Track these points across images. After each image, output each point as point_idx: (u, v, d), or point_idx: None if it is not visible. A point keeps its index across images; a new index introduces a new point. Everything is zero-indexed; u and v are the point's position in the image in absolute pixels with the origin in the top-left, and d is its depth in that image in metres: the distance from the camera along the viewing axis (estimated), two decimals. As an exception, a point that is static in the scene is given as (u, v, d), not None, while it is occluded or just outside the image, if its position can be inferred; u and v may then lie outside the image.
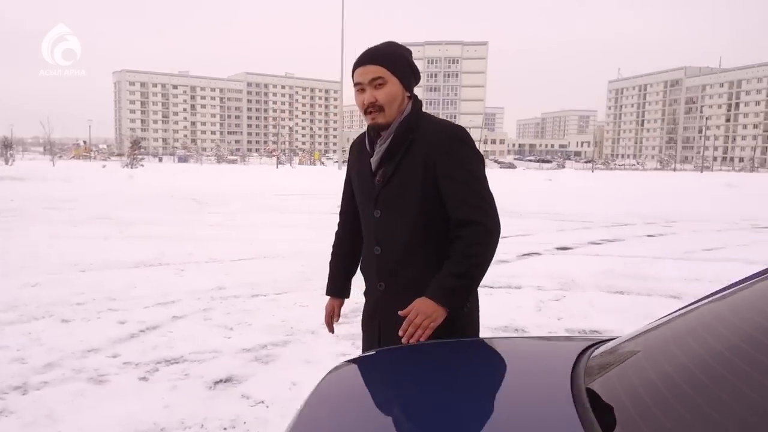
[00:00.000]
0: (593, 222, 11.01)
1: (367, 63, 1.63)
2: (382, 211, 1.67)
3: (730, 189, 23.79)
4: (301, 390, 3.10)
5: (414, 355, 1.30)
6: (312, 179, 26.51)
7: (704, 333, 0.87)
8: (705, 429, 0.66)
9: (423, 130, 1.62)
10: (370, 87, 1.61)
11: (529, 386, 0.91)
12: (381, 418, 0.95)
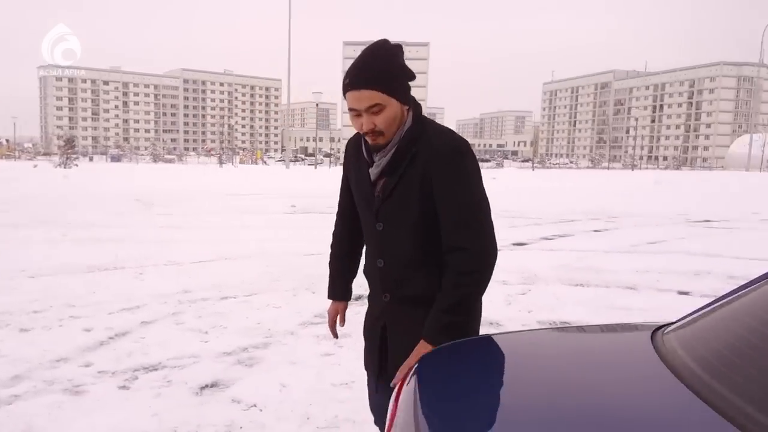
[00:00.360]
0: (542, 218, 11.40)
1: (361, 87, 1.48)
2: (384, 224, 1.61)
3: (659, 186, 25.28)
4: (292, 392, 3.07)
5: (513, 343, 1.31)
6: (259, 179, 26.02)
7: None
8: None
9: (425, 142, 1.52)
10: (368, 113, 1.49)
11: (624, 371, 0.95)
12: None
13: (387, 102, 1.49)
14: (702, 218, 11.91)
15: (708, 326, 1.04)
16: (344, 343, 3.85)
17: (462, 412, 0.85)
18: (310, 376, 3.30)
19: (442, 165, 1.49)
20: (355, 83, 1.48)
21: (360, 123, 1.53)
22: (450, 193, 1.50)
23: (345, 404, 2.94)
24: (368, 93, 1.47)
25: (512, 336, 1.25)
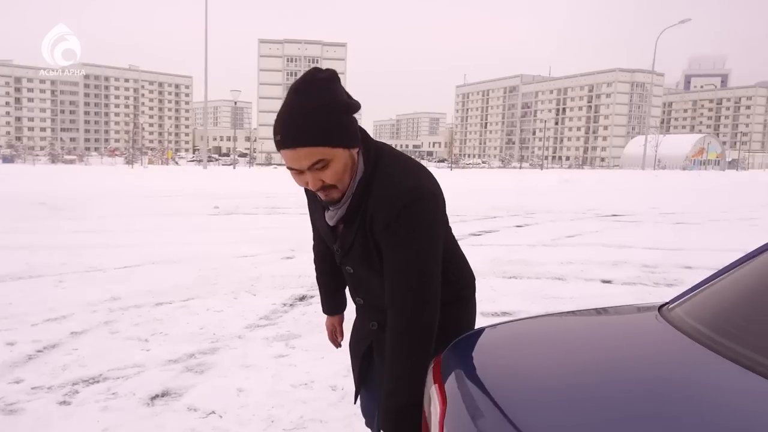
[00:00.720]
0: (467, 215, 11.79)
1: (296, 146, 1.23)
2: (353, 268, 1.48)
3: (567, 184, 26.90)
4: (251, 396, 2.99)
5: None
6: (173, 179, 24.84)
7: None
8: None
9: (374, 193, 1.32)
10: (312, 171, 1.27)
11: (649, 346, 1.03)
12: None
13: (332, 155, 1.25)
14: (610, 213, 12.82)
15: (708, 297, 1.16)
16: (296, 344, 3.81)
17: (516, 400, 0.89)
18: (266, 379, 3.22)
19: (386, 222, 1.29)
20: (289, 142, 1.23)
21: (304, 180, 1.29)
22: (392, 252, 1.31)
23: (308, 404, 2.91)
24: (306, 151, 1.23)
25: (523, 323, 1.30)
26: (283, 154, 1.27)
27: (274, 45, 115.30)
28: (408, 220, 1.27)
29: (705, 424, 0.77)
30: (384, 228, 1.29)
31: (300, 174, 1.29)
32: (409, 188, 1.28)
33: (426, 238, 1.29)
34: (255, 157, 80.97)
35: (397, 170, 1.33)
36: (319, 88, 1.24)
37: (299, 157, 1.24)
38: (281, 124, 1.25)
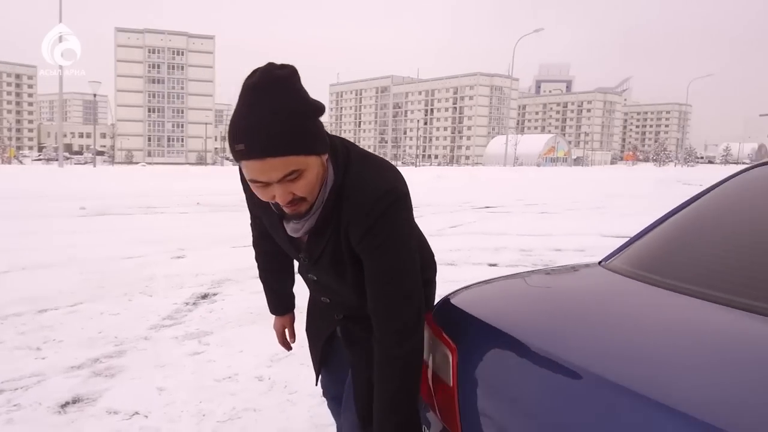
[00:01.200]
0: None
1: (265, 156, 1.08)
2: (318, 276, 1.40)
3: (440, 180, 28.37)
4: (174, 393, 2.91)
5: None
6: (24, 179, 22.15)
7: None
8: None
9: (349, 200, 1.22)
10: (281, 183, 1.12)
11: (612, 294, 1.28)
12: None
13: (305, 164, 1.12)
14: (483, 205, 13.83)
15: (633, 251, 1.44)
16: (210, 341, 3.73)
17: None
18: (187, 376, 3.13)
19: (363, 229, 1.21)
20: (256, 152, 1.07)
21: (270, 194, 1.15)
22: (371, 258, 1.24)
23: (238, 396, 2.89)
24: (278, 161, 1.08)
25: (501, 281, 1.48)
26: (246, 165, 1.10)
27: (134, 35, 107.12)
28: (388, 225, 1.20)
29: (654, 326, 1.02)
30: (364, 234, 1.21)
31: (266, 187, 1.13)
32: (386, 192, 1.20)
33: (407, 239, 1.25)
34: (112, 155, 74.63)
35: (370, 174, 1.24)
36: (286, 88, 1.09)
37: (269, 168, 1.08)
38: (245, 132, 1.07)
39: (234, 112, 1.11)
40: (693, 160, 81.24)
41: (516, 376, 1.03)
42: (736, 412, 0.72)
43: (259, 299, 4.52)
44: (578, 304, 1.27)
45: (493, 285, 1.42)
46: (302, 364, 3.32)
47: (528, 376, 1.00)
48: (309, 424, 2.63)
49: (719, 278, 1.18)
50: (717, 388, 0.78)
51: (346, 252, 1.27)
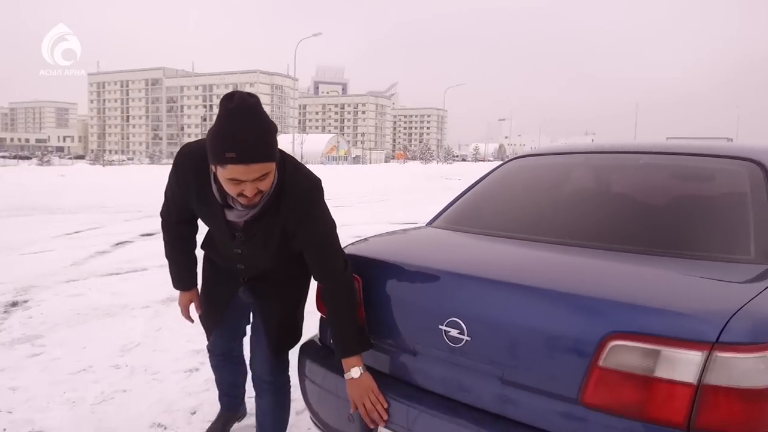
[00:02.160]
0: (142, 211, 11.50)
1: (251, 162, 1.49)
2: (244, 251, 1.80)
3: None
4: (31, 390, 2.93)
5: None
6: None
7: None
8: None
9: (283, 193, 1.67)
10: (252, 181, 1.53)
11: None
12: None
13: (271, 168, 1.57)
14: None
15: (447, 214, 2.24)
16: (45, 342, 3.68)
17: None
18: (37, 375, 3.12)
19: (301, 212, 1.68)
20: (246, 159, 1.48)
21: (239, 189, 1.54)
22: (313, 236, 1.72)
23: (101, 382, 3.03)
24: (258, 166, 1.50)
25: (378, 238, 2.11)
26: (230, 168, 1.48)
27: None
28: (319, 207, 1.72)
29: (461, 247, 1.79)
30: (303, 215, 1.69)
31: (239, 184, 1.52)
32: (313, 185, 1.73)
33: (329, 212, 1.77)
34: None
35: (300, 174, 1.72)
36: (260, 112, 1.51)
37: (251, 171, 1.49)
38: (237, 144, 1.46)
39: (219, 128, 1.49)
40: (451, 159, 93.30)
41: (392, 281, 1.71)
42: (498, 271, 1.51)
43: (81, 301, 4.54)
44: (423, 242, 2.04)
45: (368, 241, 2.06)
46: (155, 350, 3.55)
47: (398, 279, 1.69)
48: (183, 393, 2.94)
49: (497, 225, 2.04)
50: (489, 263, 1.58)
51: (278, 230, 1.73)
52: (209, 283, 2.09)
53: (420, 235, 2.15)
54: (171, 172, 1.81)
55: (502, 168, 2.58)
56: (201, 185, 1.71)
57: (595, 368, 1.25)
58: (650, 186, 2.06)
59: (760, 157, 1.92)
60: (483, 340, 1.43)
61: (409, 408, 1.52)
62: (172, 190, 1.85)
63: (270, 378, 2.03)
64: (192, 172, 1.71)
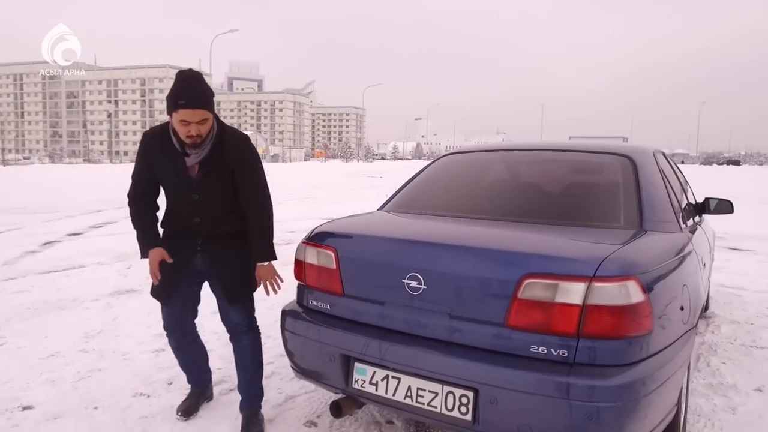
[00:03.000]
0: (63, 212, 11.14)
1: (195, 107, 2.15)
2: (200, 195, 2.31)
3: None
4: (5, 374, 3.09)
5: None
6: None
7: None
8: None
9: (225, 140, 2.31)
10: (197, 124, 2.19)
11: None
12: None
13: (209, 116, 2.22)
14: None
15: (394, 201, 2.74)
16: (4, 334, 3.80)
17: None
18: (6, 361, 3.28)
19: (240, 155, 2.33)
20: (191, 104, 2.15)
21: (188, 130, 2.19)
22: (248, 173, 2.35)
23: (74, 364, 3.25)
24: (200, 111, 2.17)
25: (345, 219, 2.55)
26: (181, 112, 2.15)
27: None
28: (254, 153, 2.41)
29: (407, 224, 2.29)
30: (241, 158, 2.34)
31: (187, 125, 2.18)
32: (247, 138, 2.43)
33: (260, 159, 2.44)
34: None
35: (235, 129, 2.43)
36: (202, 79, 2.24)
37: (195, 115, 2.17)
38: (186, 94, 2.16)
39: (174, 86, 2.18)
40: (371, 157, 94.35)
41: (363, 249, 2.18)
42: (445, 237, 2.03)
43: (26, 297, 4.67)
44: (381, 221, 2.53)
45: (335, 222, 2.49)
46: (117, 336, 3.78)
47: (367, 247, 2.17)
48: (155, 368, 3.23)
49: (434, 207, 2.58)
50: (437, 232, 2.10)
51: (225, 172, 2.32)
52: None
53: (376, 217, 2.63)
54: (138, 151, 2.40)
55: (435, 164, 3.12)
56: (162, 145, 2.32)
57: (516, 300, 1.79)
58: (550, 175, 2.68)
59: (631, 153, 2.58)
60: (436, 287, 1.93)
61: (380, 344, 1.99)
62: (140, 166, 2.39)
63: (244, 321, 2.51)
64: (157, 140, 2.34)
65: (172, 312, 2.55)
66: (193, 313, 2.61)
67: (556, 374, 1.71)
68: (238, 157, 2.33)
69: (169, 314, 2.56)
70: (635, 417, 1.71)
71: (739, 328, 4.16)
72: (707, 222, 4.40)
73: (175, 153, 2.29)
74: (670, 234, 2.27)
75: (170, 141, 2.30)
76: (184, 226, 2.39)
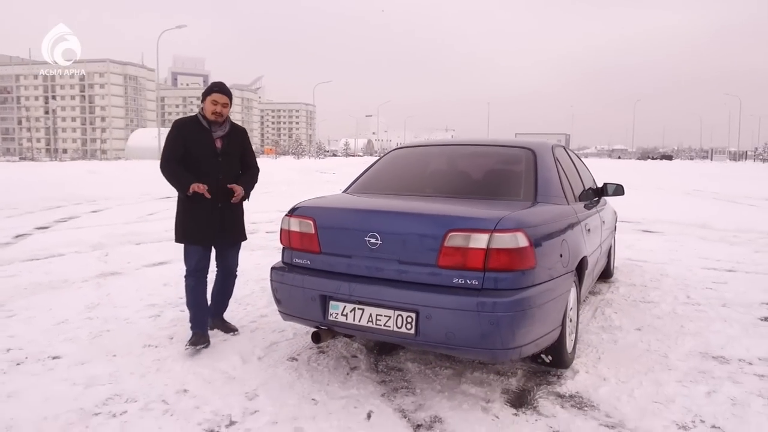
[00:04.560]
0: (21, 208, 11.28)
1: (224, 93, 3.46)
2: (223, 158, 3.51)
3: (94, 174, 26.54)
4: (24, 337, 3.66)
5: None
6: None
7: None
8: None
9: (234, 127, 3.60)
10: (222, 106, 3.46)
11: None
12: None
13: (229, 102, 3.52)
14: (164, 195, 14.58)
15: (355, 185, 3.48)
16: (12, 308, 4.32)
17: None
18: (23, 328, 3.82)
19: (244, 135, 3.67)
20: (222, 91, 3.47)
21: (215, 108, 3.43)
22: (251, 151, 3.72)
23: (85, 328, 3.84)
24: (225, 98, 3.47)
25: (318, 199, 3.27)
26: (214, 95, 3.43)
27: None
28: (248, 137, 3.72)
29: (366, 202, 3.05)
30: (245, 137, 3.67)
31: (216, 104, 3.42)
32: (244, 128, 3.70)
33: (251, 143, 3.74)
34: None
35: (236, 123, 3.62)
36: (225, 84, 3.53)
37: (222, 98, 3.43)
38: (219, 86, 3.49)
39: (210, 84, 3.55)
40: (323, 154, 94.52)
41: (335, 218, 2.93)
42: (396, 207, 2.81)
43: (19, 280, 5.22)
44: (346, 199, 3.27)
45: (311, 200, 3.22)
46: (115, 307, 4.37)
47: (339, 216, 2.92)
48: (156, 328, 3.85)
49: (387, 189, 3.34)
50: (390, 204, 2.87)
51: (237, 145, 3.59)
52: (194, 224, 3.46)
53: (342, 197, 3.38)
54: (171, 133, 3.51)
55: (387, 155, 3.90)
56: (193, 126, 3.47)
57: (443, 247, 2.58)
58: (475, 163, 3.52)
59: (534, 147, 3.43)
60: (388, 242, 2.70)
61: (349, 285, 2.74)
62: (175, 143, 3.47)
63: (235, 266, 3.77)
64: (188, 123, 3.50)
65: (202, 255, 3.49)
66: (209, 260, 3.62)
67: (471, 296, 2.52)
68: (244, 137, 3.68)
69: (199, 257, 3.48)
70: (523, 324, 2.54)
71: (633, 289, 5.15)
72: (607, 203, 5.38)
73: (205, 130, 3.48)
74: (556, 206, 3.13)
75: (200, 123, 3.48)
76: (209, 184, 3.39)
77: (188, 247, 3.50)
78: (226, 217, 3.53)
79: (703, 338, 3.78)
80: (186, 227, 3.47)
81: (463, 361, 3.29)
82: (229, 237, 3.60)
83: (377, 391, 2.92)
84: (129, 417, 2.60)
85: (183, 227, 3.48)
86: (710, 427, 2.59)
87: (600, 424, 2.60)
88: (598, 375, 3.14)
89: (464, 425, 2.56)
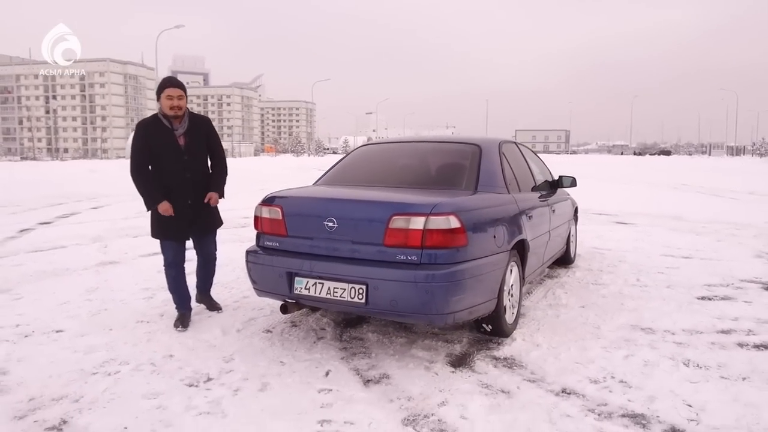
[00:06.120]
0: (24, 205, 11.73)
1: (177, 87, 3.63)
2: (189, 156, 3.71)
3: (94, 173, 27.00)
4: (31, 315, 4.11)
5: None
6: None
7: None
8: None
9: (195, 118, 3.78)
10: (178, 99, 3.61)
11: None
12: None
13: (184, 95, 3.68)
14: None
15: (324, 178, 3.93)
16: (20, 293, 4.75)
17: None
18: (30, 308, 4.27)
19: (208, 127, 3.86)
20: (175, 85, 3.64)
21: (171, 103, 3.59)
22: (215, 139, 3.90)
23: (85, 308, 4.29)
24: (179, 91, 3.63)
25: (301, 189, 3.73)
26: (168, 90, 3.59)
27: None
28: (213, 128, 3.94)
29: (335, 192, 3.50)
30: (209, 129, 3.87)
31: (171, 99, 3.57)
32: (207, 117, 4.05)
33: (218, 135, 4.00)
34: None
35: (195, 112, 3.83)
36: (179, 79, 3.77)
37: (176, 92, 3.60)
38: (170, 81, 3.66)
39: (161, 80, 3.71)
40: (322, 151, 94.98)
41: (301, 205, 3.38)
42: (351, 196, 3.26)
43: (24, 269, 5.67)
44: (313, 189, 3.71)
45: (285, 191, 3.67)
46: (112, 290, 4.82)
47: (304, 204, 3.37)
48: (148, 307, 4.31)
49: (351, 180, 3.79)
50: (347, 194, 3.32)
51: (202, 139, 3.81)
52: (167, 217, 3.74)
53: (309, 188, 3.84)
54: (135, 136, 3.75)
55: (354, 152, 4.35)
56: (156, 126, 3.64)
57: (388, 229, 3.03)
58: (427, 157, 3.98)
59: (480, 143, 3.88)
60: (344, 225, 3.15)
61: (311, 263, 3.20)
62: (140, 144, 3.66)
63: (213, 251, 4.07)
64: (150, 124, 3.67)
65: (177, 249, 3.83)
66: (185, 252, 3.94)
67: (410, 270, 2.97)
68: (208, 128, 3.84)
69: (174, 251, 3.83)
70: (455, 293, 2.99)
71: (589, 273, 5.58)
72: (569, 196, 5.82)
73: (166, 130, 3.64)
74: (495, 194, 3.58)
75: (161, 123, 3.63)
76: (177, 183, 3.67)
77: (163, 242, 3.83)
78: (196, 212, 3.79)
79: (638, 314, 4.21)
80: (160, 224, 3.73)
81: (416, 331, 3.75)
82: (202, 228, 3.89)
83: (338, 355, 3.37)
84: (122, 375, 3.06)
85: (157, 224, 3.74)
86: (618, 382, 3.02)
87: (524, 379, 3.05)
88: (533, 342, 3.59)
89: (407, 380, 3.01)
